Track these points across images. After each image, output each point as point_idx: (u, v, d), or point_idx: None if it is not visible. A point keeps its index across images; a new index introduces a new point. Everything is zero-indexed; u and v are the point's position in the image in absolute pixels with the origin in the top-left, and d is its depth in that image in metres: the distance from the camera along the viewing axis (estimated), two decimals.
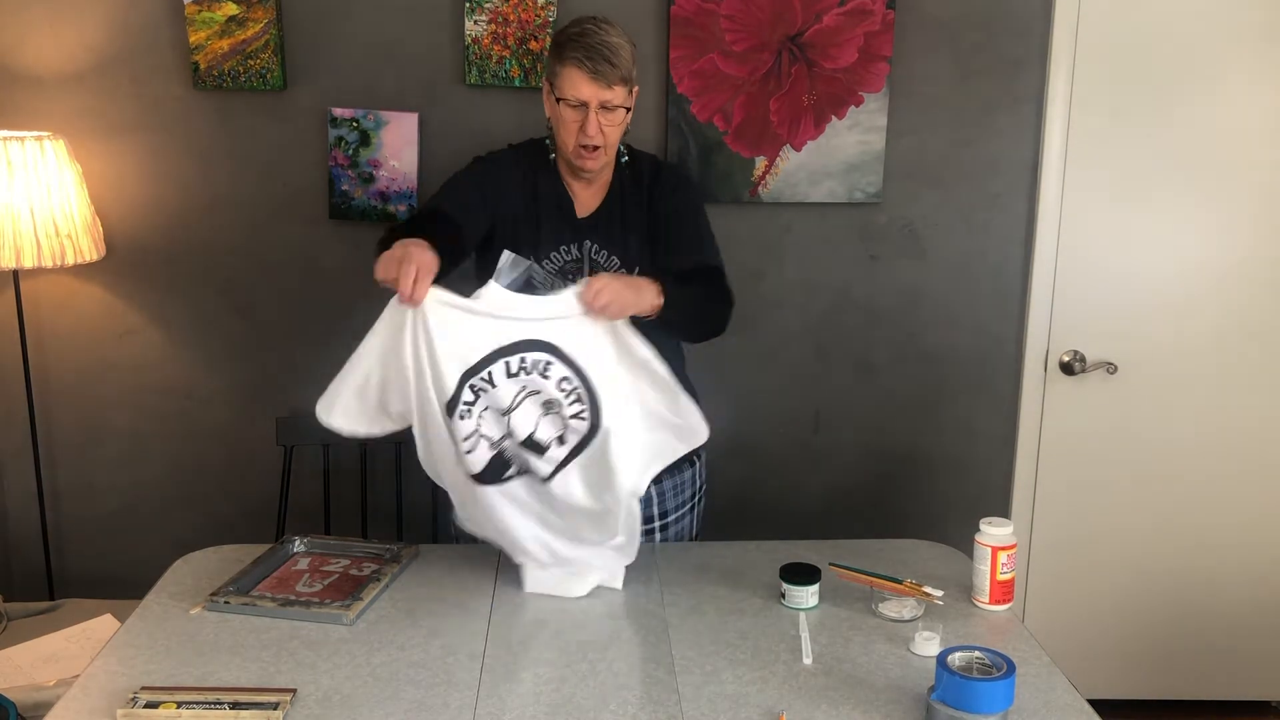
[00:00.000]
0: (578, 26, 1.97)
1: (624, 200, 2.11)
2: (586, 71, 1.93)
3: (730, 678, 1.70)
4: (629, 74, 1.97)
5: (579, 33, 1.95)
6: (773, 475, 2.90)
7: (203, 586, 1.97)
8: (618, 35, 1.97)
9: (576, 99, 1.95)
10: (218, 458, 2.83)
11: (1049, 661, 1.79)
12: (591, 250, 2.09)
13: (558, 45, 1.98)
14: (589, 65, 1.92)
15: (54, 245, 2.43)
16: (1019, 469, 2.93)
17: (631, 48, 1.99)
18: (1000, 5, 2.67)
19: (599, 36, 1.93)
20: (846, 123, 2.68)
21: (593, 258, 2.09)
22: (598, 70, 1.92)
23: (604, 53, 1.92)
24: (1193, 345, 2.87)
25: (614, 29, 1.97)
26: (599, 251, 2.10)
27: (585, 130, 1.97)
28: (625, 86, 1.97)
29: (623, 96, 1.98)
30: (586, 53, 1.92)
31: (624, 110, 2.00)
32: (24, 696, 2.15)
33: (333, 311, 2.76)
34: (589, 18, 1.99)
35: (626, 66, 1.96)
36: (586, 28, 1.96)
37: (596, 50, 1.92)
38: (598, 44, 1.92)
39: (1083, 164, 2.76)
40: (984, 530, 1.95)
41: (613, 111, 1.97)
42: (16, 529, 2.83)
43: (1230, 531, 2.98)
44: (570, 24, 2.00)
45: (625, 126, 2.04)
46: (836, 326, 2.83)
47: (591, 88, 1.94)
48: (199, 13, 2.55)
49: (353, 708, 1.61)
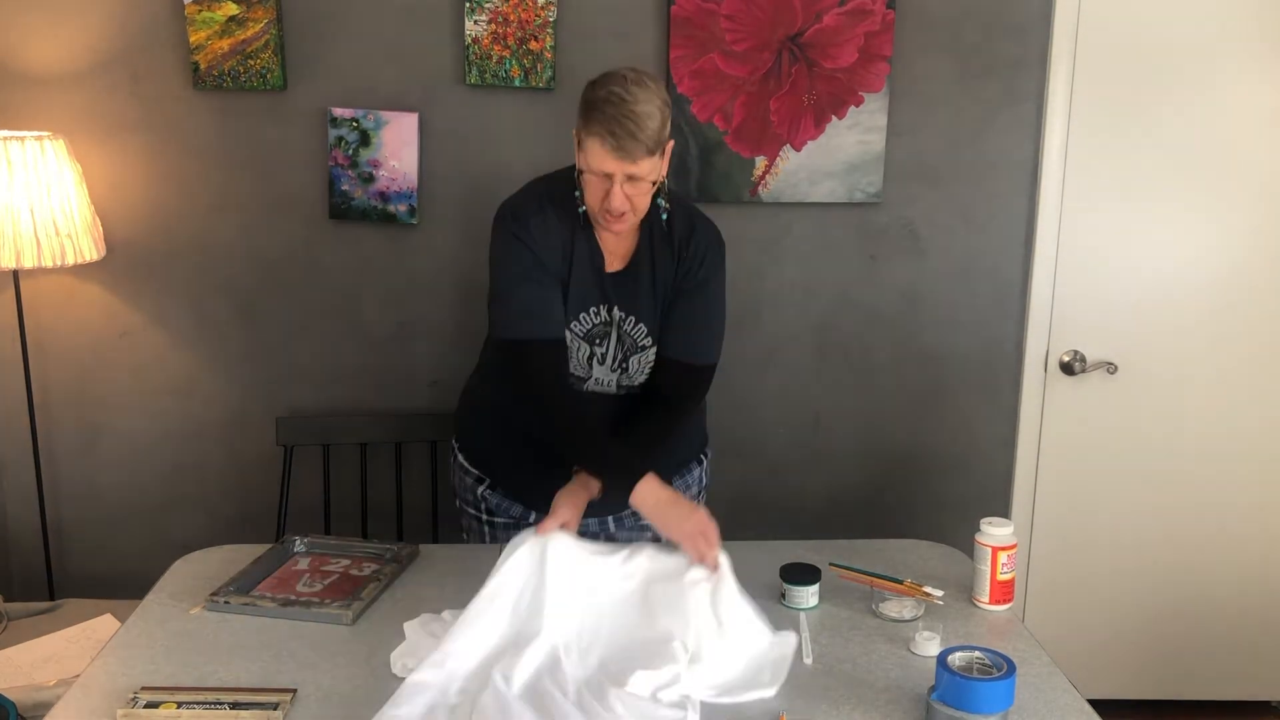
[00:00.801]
0: (605, 89, 1.81)
1: (654, 256, 2.00)
2: (610, 147, 1.80)
3: None
4: (658, 144, 1.83)
5: (605, 98, 1.80)
6: (773, 475, 2.90)
7: (203, 586, 1.97)
8: (647, 100, 1.80)
9: (601, 171, 1.84)
10: (218, 458, 2.83)
11: (1049, 661, 1.79)
12: (620, 319, 2.00)
13: (585, 107, 1.84)
14: (612, 141, 1.79)
15: (54, 245, 2.43)
16: (1019, 469, 2.93)
17: (664, 110, 1.83)
18: (1000, 5, 2.67)
19: (626, 106, 1.78)
20: (846, 123, 2.68)
21: (621, 326, 2.01)
22: (621, 147, 1.79)
23: (629, 127, 1.78)
24: (1193, 345, 2.87)
25: (645, 90, 1.81)
26: (625, 319, 2.00)
27: (610, 200, 1.85)
28: (653, 157, 1.83)
29: (650, 168, 1.84)
30: (610, 125, 1.78)
31: (651, 181, 1.87)
32: (24, 696, 2.14)
33: (333, 311, 2.76)
34: (620, 77, 1.82)
35: (655, 138, 1.81)
36: (613, 92, 1.80)
37: (621, 124, 1.78)
38: (624, 115, 1.78)
39: (1083, 164, 2.76)
40: (984, 530, 1.95)
41: (639, 182, 1.85)
42: (16, 529, 2.83)
43: (1230, 531, 2.98)
44: (600, 82, 1.84)
45: (661, 184, 1.91)
46: (836, 326, 2.83)
47: (616, 163, 1.81)
48: (199, 13, 2.55)
49: (353, 708, 1.61)
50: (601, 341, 2.01)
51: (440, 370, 2.77)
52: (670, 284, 2.01)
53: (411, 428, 2.73)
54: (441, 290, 2.75)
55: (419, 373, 2.79)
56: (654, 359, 2.05)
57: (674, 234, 2.01)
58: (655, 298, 2.01)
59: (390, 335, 2.78)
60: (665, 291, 2.02)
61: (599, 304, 2.00)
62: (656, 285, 2.01)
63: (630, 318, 2.01)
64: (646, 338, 2.02)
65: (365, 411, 2.79)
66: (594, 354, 2.02)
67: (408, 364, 2.79)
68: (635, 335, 2.02)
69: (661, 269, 2.01)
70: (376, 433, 2.73)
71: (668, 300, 2.02)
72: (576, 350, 2.01)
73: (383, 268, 2.73)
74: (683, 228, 2.02)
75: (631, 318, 2.01)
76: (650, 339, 2.03)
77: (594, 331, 2.01)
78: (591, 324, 2.01)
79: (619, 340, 2.02)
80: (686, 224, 2.03)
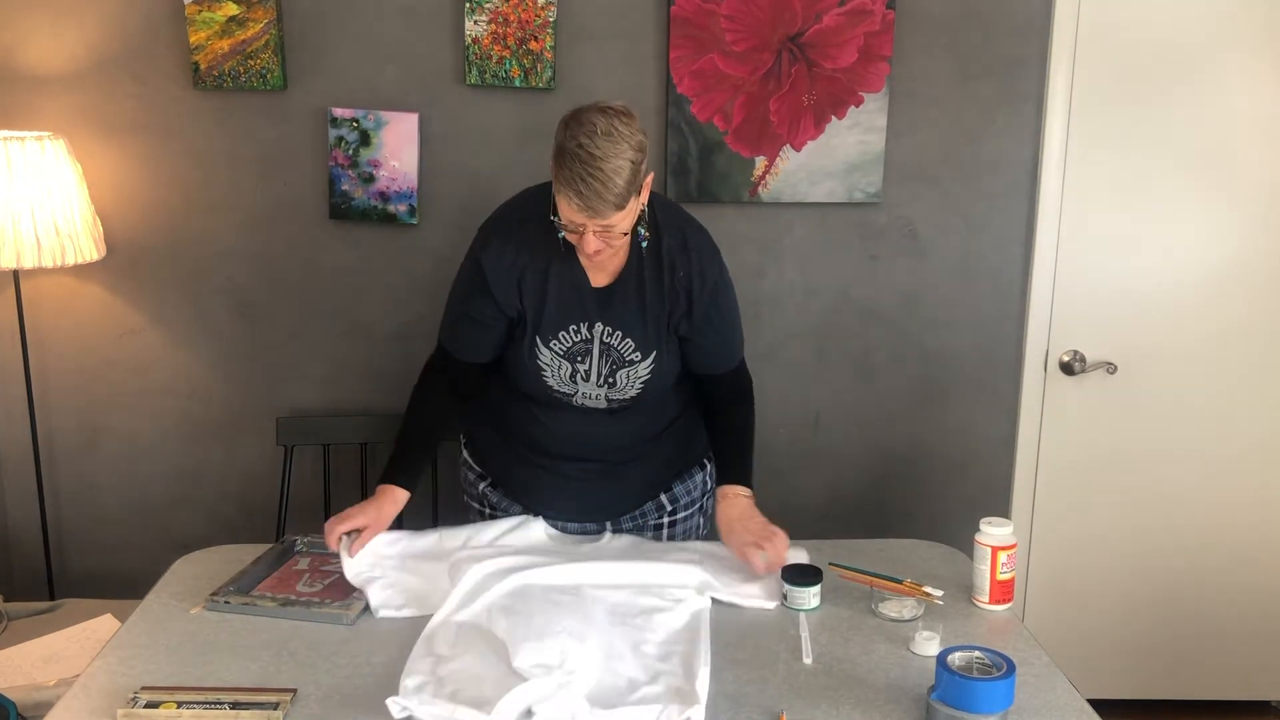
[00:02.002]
0: (575, 140, 1.75)
1: (643, 271, 1.97)
2: (576, 205, 1.77)
3: (730, 678, 1.70)
4: (628, 197, 1.78)
5: (574, 152, 1.75)
6: (773, 475, 2.90)
7: (203, 586, 1.97)
8: (616, 155, 1.75)
9: (570, 221, 1.82)
10: (218, 458, 2.83)
11: (1049, 661, 1.79)
12: (603, 334, 1.99)
13: (556, 151, 1.78)
14: (579, 200, 1.76)
15: (54, 245, 2.43)
16: (1019, 469, 2.93)
17: (636, 159, 1.78)
18: (1000, 5, 2.67)
19: (595, 163, 1.73)
20: (846, 123, 2.68)
21: (604, 341, 1.99)
22: (588, 206, 1.76)
23: (595, 187, 1.74)
24: (1193, 345, 2.87)
25: (614, 144, 1.75)
26: (611, 334, 1.99)
27: (582, 246, 1.84)
28: (623, 210, 1.79)
29: (621, 218, 1.81)
30: (577, 185, 1.75)
31: (624, 227, 1.84)
32: (24, 696, 2.14)
33: (333, 311, 2.76)
34: (589, 126, 1.76)
35: (624, 193, 1.77)
36: (582, 146, 1.74)
37: (588, 183, 1.74)
38: (591, 174, 1.74)
39: (1082, 164, 2.76)
40: (984, 530, 1.95)
41: (612, 228, 1.82)
42: (16, 529, 2.83)
43: (1230, 531, 2.98)
44: (571, 126, 1.78)
45: (641, 213, 1.89)
46: (836, 326, 2.83)
47: (583, 216, 1.79)
48: (199, 13, 2.55)
49: (353, 708, 1.61)
50: (583, 358, 2.00)
51: None
52: (665, 300, 1.98)
53: None
54: (441, 290, 2.72)
55: (419, 373, 2.78)
56: (645, 374, 2.02)
57: (663, 251, 1.97)
58: (645, 312, 1.98)
59: (390, 335, 2.78)
60: (659, 306, 1.99)
61: (580, 321, 1.98)
62: (646, 300, 1.98)
63: (617, 332, 1.99)
64: (635, 352, 2.00)
65: (365, 411, 2.80)
66: (576, 371, 2.01)
67: (408, 364, 2.78)
68: (622, 350, 2.00)
69: (652, 284, 1.98)
70: (376, 433, 2.73)
71: (662, 313, 1.99)
72: (558, 369, 2.01)
73: (383, 268, 2.73)
74: (673, 244, 1.98)
75: (619, 332, 1.99)
76: (639, 353, 2.00)
77: (575, 349, 2.00)
78: (572, 342, 1.99)
79: (603, 355, 2.00)
80: (678, 239, 1.99)
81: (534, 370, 2.01)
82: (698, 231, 2.04)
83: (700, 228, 2.06)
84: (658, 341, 2.00)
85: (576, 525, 2.16)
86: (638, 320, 1.99)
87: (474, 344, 2.07)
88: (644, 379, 2.02)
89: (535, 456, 2.14)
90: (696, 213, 2.22)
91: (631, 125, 1.80)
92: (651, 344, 2.00)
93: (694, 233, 2.03)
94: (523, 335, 2.00)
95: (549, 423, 2.09)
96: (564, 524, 2.17)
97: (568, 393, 2.03)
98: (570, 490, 2.14)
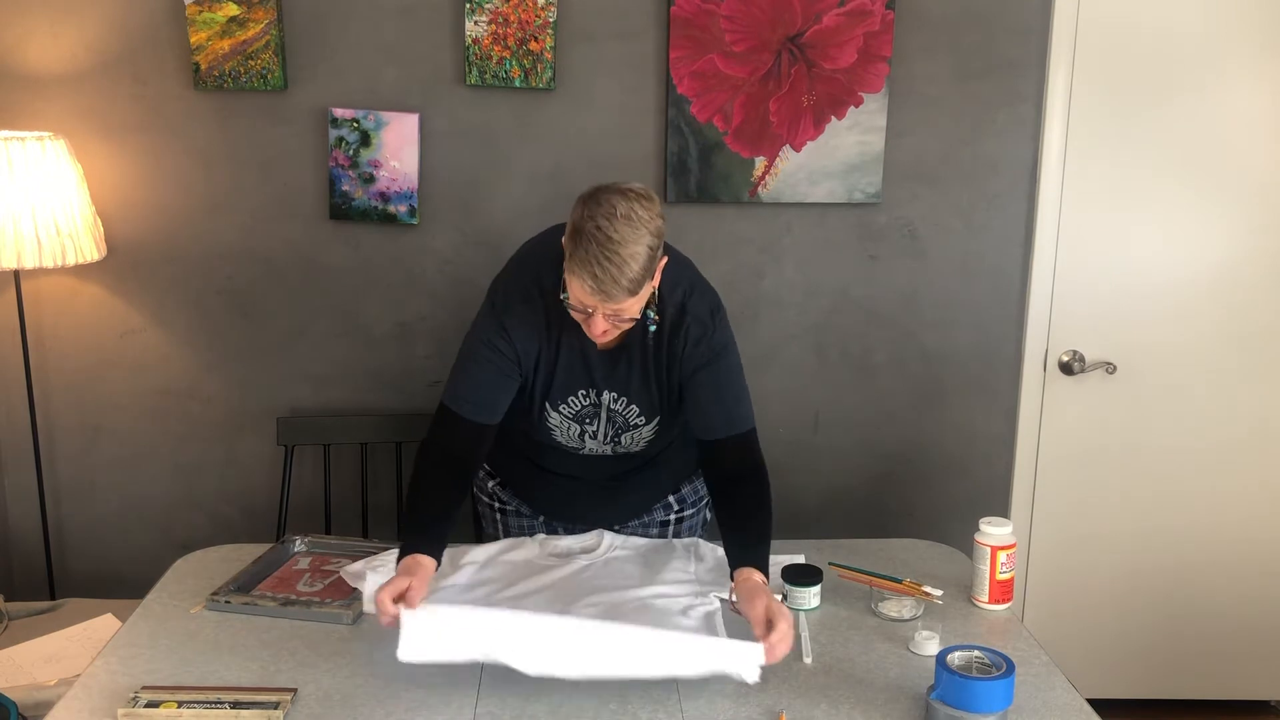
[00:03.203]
0: (594, 221, 1.70)
1: (645, 342, 1.94)
2: (589, 288, 1.72)
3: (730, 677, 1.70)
4: (641, 283, 1.73)
5: (592, 234, 1.70)
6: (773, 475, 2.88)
7: (203, 586, 1.97)
8: (635, 240, 1.70)
9: (581, 303, 1.78)
10: (218, 458, 2.83)
11: (1049, 661, 1.79)
12: (610, 400, 1.98)
13: (572, 230, 1.73)
14: (593, 284, 1.71)
15: (55, 245, 2.43)
16: (1019, 469, 2.94)
17: (654, 243, 1.73)
18: (1000, 5, 2.67)
19: (612, 247, 1.68)
20: (846, 123, 2.68)
21: (611, 407, 1.98)
22: (601, 289, 1.71)
23: (612, 272, 1.69)
24: (1192, 345, 2.88)
25: (633, 229, 1.70)
26: (617, 399, 1.97)
27: (590, 328, 1.80)
28: (637, 295, 1.75)
29: (633, 303, 1.77)
30: (592, 268, 1.70)
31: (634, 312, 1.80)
32: (25, 696, 2.15)
33: (333, 311, 2.76)
34: (609, 209, 1.71)
35: (639, 279, 1.72)
36: (601, 229, 1.69)
37: (604, 267, 1.69)
38: (607, 257, 1.69)
39: (1082, 164, 2.76)
40: (983, 530, 1.95)
41: (623, 312, 1.78)
42: (16, 529, 2.83)
43: (1230, 531, 2.98)
44: (590, 205, 1.73)
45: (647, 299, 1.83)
46: (836, 326, 2.83)
47: (595, 300, 1.74)
48: (199, 13, 2.55)
49: (353, 708, 1.62)
50: (591, 420, 2.00)
51: (440, 370, 2.76)
52: (665, 364, 1.94)
53: (411, 428, 2.73)
54: (441, 290, 2.75)
55: (419, 373, 2.79)
56: (649, 435, 2.03)
57: (666, 317, 1.92)
58: (648, 378, 1.96)
59: (390, 335, 2.78)
60: (664, 376, 1.96)
61: (587, 388, 1.97)
62: (649, 365, 1.95)
63: (622, 398, 1.98)
64: (640, 417, 2.00)
65: (365, 411, 2.80)
66: (584, 431, 2.02)
67: (408, 364, 2.80)
68: (627, 415, 1.99)
69: (653, 350, 1.94)
70: (376, 433, 2.73)
71: (665, 381, 1.96)
72: (567, 429, 2.01)
73: (383, 268, 2.73)
74: (673, 313, 1.93)
75: (624, 399, 1.98)
76: (644, 418, 2.00)
77: (583, 412, 1.99)
78: (580, 405, 1.99)
79: (609, 420, 2.00)
80: (678, 309, 1.93)
81: (544, 430, 2.03)
82: (701, 295, 1.96)
83: (705, 288, 1.98)
84: (662, 407, 2.00)
85: (583, 526, 2.18)
86: (642, 387, 1.97)
87: (487, 401, 1.94)
88: (648, 439, 2.04)
89: (544, 474, 2.17)
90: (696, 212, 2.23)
91: (651, 210, 1.74)
92: (656, 409, 2.00)
93: (696, 299, 1.95)
94: (531, 402, 1.99)
95: (555, 458, 2.12)
96: (569, 527, 2.19)
97: (574, 447, 2.06)
98: (579, 501, 2.17)
